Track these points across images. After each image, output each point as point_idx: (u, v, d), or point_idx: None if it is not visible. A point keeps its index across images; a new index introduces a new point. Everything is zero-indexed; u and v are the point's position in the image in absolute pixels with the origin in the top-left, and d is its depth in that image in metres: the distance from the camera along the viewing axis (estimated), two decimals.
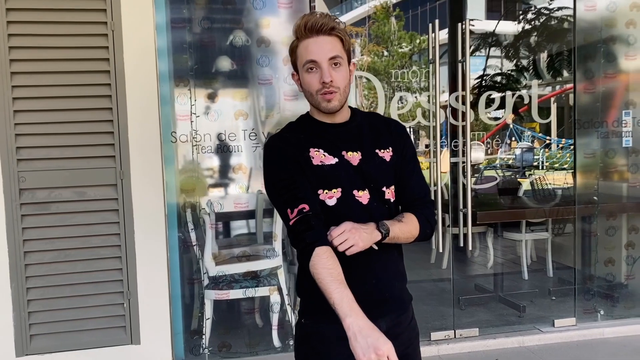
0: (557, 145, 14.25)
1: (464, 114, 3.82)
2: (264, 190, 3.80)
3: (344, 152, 1.54)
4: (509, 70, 7.49)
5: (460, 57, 3.79)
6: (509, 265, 5.49)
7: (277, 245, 3.64)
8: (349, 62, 1.56)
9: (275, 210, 3.63)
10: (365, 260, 1.50)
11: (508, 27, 7.89)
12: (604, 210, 4.26)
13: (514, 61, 7.58)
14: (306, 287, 1.48)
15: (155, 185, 3.29)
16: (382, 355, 1.24)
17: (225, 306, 3.81)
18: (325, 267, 1.39)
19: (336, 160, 1.53)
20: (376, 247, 1.48)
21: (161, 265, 3.32)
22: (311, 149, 1.53)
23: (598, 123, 4.16)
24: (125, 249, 3.23)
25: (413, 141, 1.78)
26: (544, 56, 7.65)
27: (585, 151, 4.21)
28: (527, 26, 7.49)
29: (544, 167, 11.60)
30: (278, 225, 3.63)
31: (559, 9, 7.08)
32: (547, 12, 7.25)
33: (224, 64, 3.70)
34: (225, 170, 3.78)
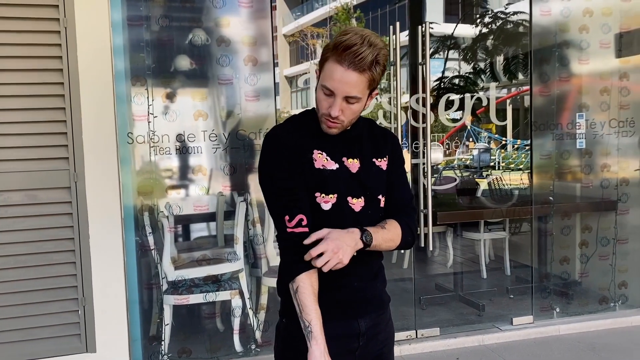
0: (513, 146, 14.65)
1: (424, 115, 3.85)
2: (224, 192, 3.79)
3: (344, 159, 1.54)
4: (466, 73, 7.64)
5: (420, 60, 3.83)
6: (468, 265, 5.59)
7: (239, 248, 3.58)
8: (372, 91, 1.50)
9: (237, 213, 3.59)
10: (349, 264, 1.49)
11: (466, 30, 8.04)
12: (559, 210, 4.37)
13: (472, 64, 7.74)
14: (288, 288, 1.48)
15: (110, 187, 3.20)
16: None
17: (185, 311, 3.72)
18: (313, 285, 1.44)
19: (337, 166, 1.52)
20: (355, 254, 1.48)
21: (118, 270, 3.23)
22: (315, 151, 1.51)
23: (553, 125, 4.26)
24: (80, 254, 3.13)
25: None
26: (500, 59, 7.84)
27: (541, 152, 4.32)
28: (485, 30, 7.66)
29: (500, 168, 11.89)
30: (239, 228, 3.58)
31: (515, 13, 7.27)
32: (504, 16, 7.43)
33: (183, 63, 3.63)
34: (184, 171, 3.70)
